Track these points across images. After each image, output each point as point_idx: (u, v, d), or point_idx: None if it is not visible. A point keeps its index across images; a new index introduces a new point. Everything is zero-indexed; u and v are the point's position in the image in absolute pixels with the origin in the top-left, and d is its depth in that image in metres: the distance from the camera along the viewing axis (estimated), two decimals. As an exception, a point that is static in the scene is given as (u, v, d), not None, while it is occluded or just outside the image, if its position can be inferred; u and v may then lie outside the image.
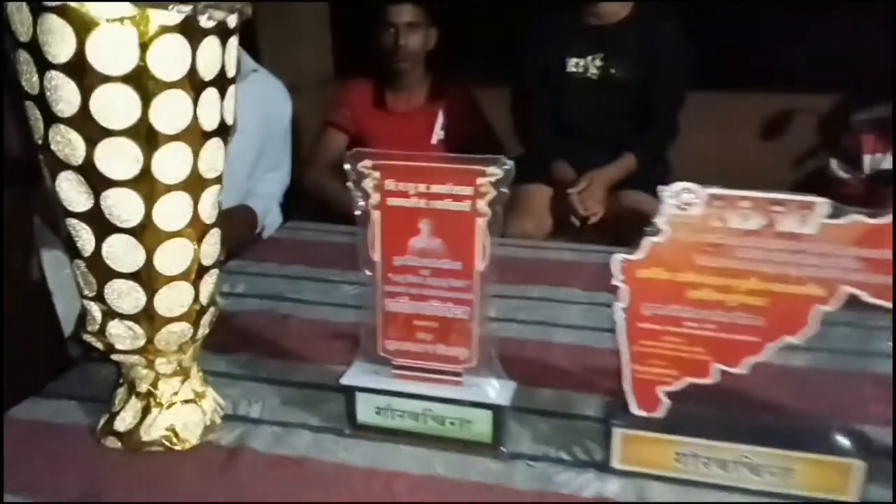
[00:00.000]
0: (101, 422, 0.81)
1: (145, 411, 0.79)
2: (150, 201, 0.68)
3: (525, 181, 2.02)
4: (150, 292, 0.72)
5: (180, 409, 0.79)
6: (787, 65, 2.77)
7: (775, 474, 0.72)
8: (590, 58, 1.99)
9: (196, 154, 0.70)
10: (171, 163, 0.68)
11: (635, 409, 0.75)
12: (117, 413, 0.80)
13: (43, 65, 0.63)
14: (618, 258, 0.71)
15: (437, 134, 2.23)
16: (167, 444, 0.78)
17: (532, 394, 0.88)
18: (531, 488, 0.74)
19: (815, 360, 0.94)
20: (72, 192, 0.68)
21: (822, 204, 0.65)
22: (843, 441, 0.72)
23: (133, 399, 0.79)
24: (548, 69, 2.02)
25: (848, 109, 2.03)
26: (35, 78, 0.64)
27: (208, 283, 0.77)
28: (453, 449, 0.78)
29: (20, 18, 0.63)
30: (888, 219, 0.64)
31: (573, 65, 2.01)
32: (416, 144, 2.18)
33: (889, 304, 0.65)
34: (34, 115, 0.66)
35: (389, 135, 2.19)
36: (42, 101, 0.65)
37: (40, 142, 0.67)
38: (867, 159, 1.67)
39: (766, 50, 3.12)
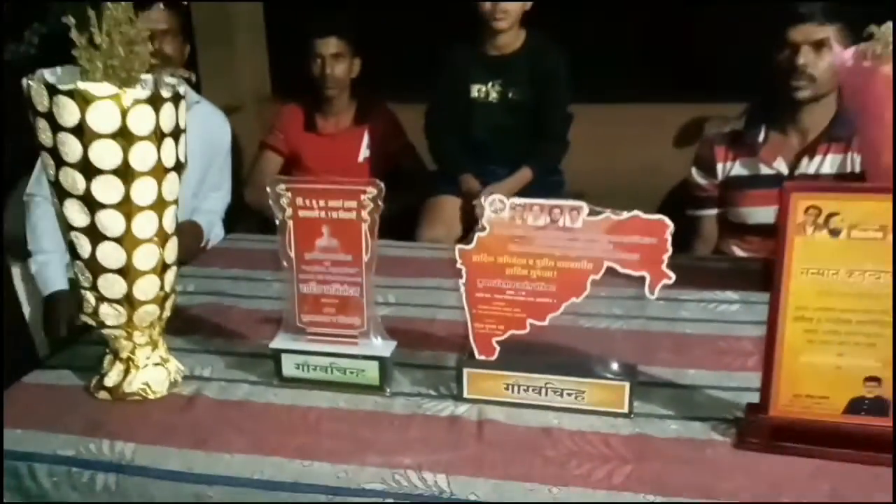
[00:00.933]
0: (93, 381, 1.10)
1: (126, 372, 1.08)
2: (129, 218, 0.98)
3: (437, 193, 2.34)
4: (130, 283, 1.01)
5: (152, 370, 1.09)
6: (702, 76, 3.15)
7: (572, 395, 1.05)
8: (490, 84, 2.33)
9: (160, 184, 0.99)
10: (143, 191, 0.98)
11: (478, 356, 1.07)
12: (105, 374, 1.09)
13: (56, 128, 0.92)
14: (458, 248, 1.03)
15: (363, 153, 2.53)
16: (143, 394, 1.08)
17: (415, 354, 1.19)
18: (405, 413, 1.05)
19: (607, 322, 1.29)
20: (74, 213, 0.97)
21: (583, 207, 0.98)
22: (617, 369, 1.05)
23: (117, 363, 1.08)
24: (455, 94, 2.35)
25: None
26: (49, 136, 0.93)
27: (170, 276, 1.07)
28: (352, 391, 1.09)
29: (39, 98, 0.92)
30: (629, 214, 0.97)
31: (476, 90, 2.34)
32: (344, 163, 2.47)
33: (635, 273, 0.98)
34: (48, 161, 0.95)
35: (320, 155, 2.48)
36: (55, 151, 0.94)
37: (52, 179, 0.96)
38: (720, 167, 1.99)
39: (682, 62, 3.52)
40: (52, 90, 0.91)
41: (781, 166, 1.84)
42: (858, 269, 0.89)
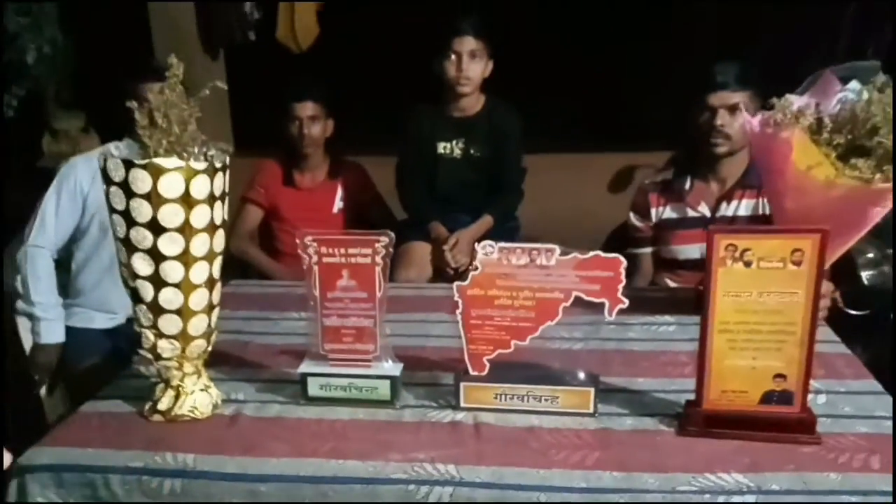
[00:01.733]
0: (147, 406, 1.29)
1: (177, 397, 1.28)
2: (187, 267, 1.20)
3: (409, 239, 2.58)
4: (185, 321, 1.23)
5: (198, 395, 1.30)
6: (633, 128, 3.50)
7: (548, 400, 1.29)
8: (454, 142, 2.60)
9: (212, 238, 1.22)
10: (199, 245, 1.20)
11: (472, 371, 1.31)
12: (158, 400, 1.29)
13: (129, 194, 1.14)
14: (456, 284, 1.27)
15: (338, 204, 2.76)
16: (191, 415, 1.28)
17: (414, 374, 1.42)
18: (414, 420, 1.28)
19: (570, 343, 1.55)
20: (141, 265, 1.18)
21: (556, 248, 1.23)
22: (583, 379, 1.30)
23: (169, 390, 1.28)
24: (422, 151, 2.61)
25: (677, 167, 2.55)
26: (123, 201, 1.15)
27: (214, 315, 1.28)
28: (368, 406, 1.32)
29: (116, 170, 1.14)
30: (592, 254, 1.23)
31: (442, 147, 2.60)
32: (320, 214, 2.70)
33: (598, 300, 1.24)
34: (119, 221, 1.17)
35: (298, 207, 2.70)
36: (127, 214, 1.15)
37: (121, 237, 1.18)
38: (653, 211, 2.29)
39: (615, 115, 3.90)
40: (129, 164, 1.13)
41: (705, 210, 2.14)
42: (766, 291, 1.17)
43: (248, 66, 4.38)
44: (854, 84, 1.46)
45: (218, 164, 1.20)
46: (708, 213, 2.14)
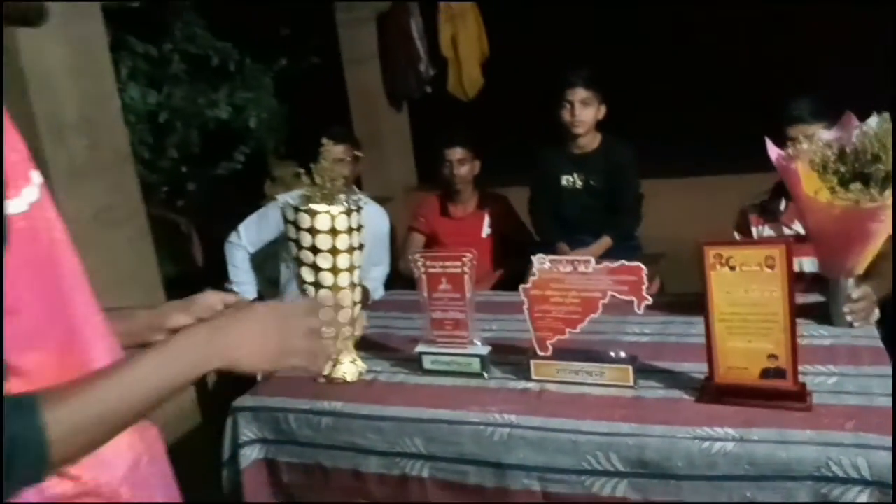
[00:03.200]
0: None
1: (334, 366, 1.85)
2: (335, 276, 1.76)
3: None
4: (335, 312, 1.79)
5: (348, 365, 1.86)
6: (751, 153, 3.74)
7: (597, 374, 1.70)
8: (575, 174, 3.04)
9: (351, 256, 1.77)
10: (343, 261, 1.76)
11: (538, 352, 1.75)
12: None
13: (298, 228, 1.73)
14: (521, 287, 1.73)
15: (485, 230, 3.29)
16: (343, 379, 1.84)
17: (500, 356, 1.88)
18: (496, 387, 1.75)
19: (612, 336, 1.92)
20: (306, 274, 1.77)
21: (590, 259, 1.65)
22: (625, 357, 1.70)
23: (329, 361, 1.85)
24: (549, 183, 3.08)
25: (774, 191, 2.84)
26: (294, 232, 1.74)
27: (356, 310, 1.84)
28: (464, 377, 1.80)
29: (289, 212, 1.73)
30: (619, 263, 1.64)
31: (564, 180, 3.05)
32: (471, 239, 3.23)
33: (627, 298, 1.64)
34: (293, 245, 1.76)
35: (452, 233, 3.26)
36: (297, 241, 1.74)
37: (294, 256, 1.77)
38: (754, 230, 2.56)
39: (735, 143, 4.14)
40: (296, 209, 1.72)
41: (799, 228, 2.39)
42: (749, 288, 1.51)
43: (426, 114, 5.09)
44: (872, 119, 1.74)
45: (353, 207, 1.76)
46: (802, 231, 2.39)
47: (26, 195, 0.83)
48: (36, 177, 0.87)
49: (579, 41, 4.98)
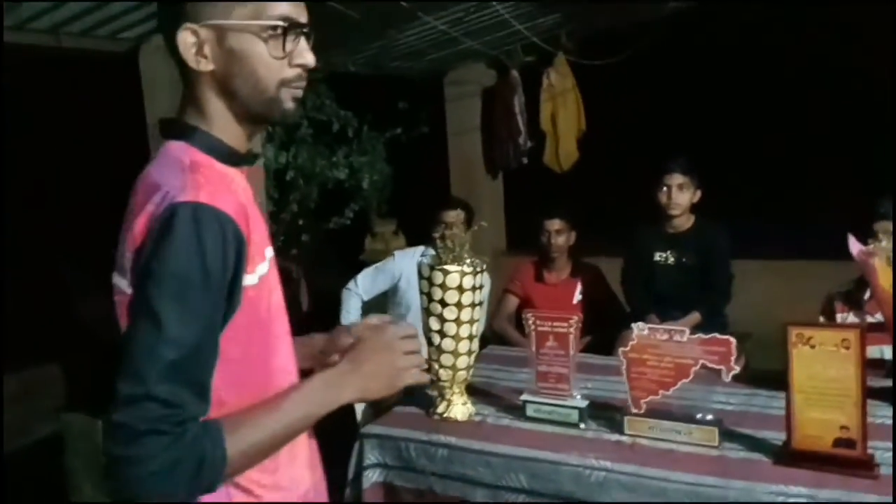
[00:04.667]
0: (431, 409, 2.15)
1: (447, 407, 2.12)
2: (458, 326, 2.04)
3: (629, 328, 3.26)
4: (455, 358, 2.07)
5: (460, 407, 2.12)
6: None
7: (686, 434, 1.91)
8: (668, 252, 3.26)
9: (472, 311, 2.06)
10: (465, 314, 2.04)
11: (633, 409, 1.98)
12: (437, 406, 2.13)
13: (431, 284, 2.03)
14: (620, 350, 1.97)
15: (577, 297, 3.53)
16: (454, 418, 2.10)
17: (598, 412, 2.12)
18: (593, 437, 1.98)
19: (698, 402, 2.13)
20: (433, 323, 2.05)
21: (685, 330, 1.89)
22: (711, 420, 1.91)
23: (444, 401, 2.12)
24: (642, 259, 3.31)
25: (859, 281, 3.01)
26: (427, 286, 2.04)
27: (472, 358, 2.11)
28: (563, 425, 2.04)
29: (425, 269, 2.04)
30: (710, 335, 1.87)
31: (657, 256, 3.29)
32: (562, 304, 3.48)
33: (716, 367, 1.86)
34: (424, 298, 2.06)
35: (545, 298, 3.51)
36: (428, 294, 2.04)
37: (424, 307, 2.07)
38: (839, 317, 2.73)
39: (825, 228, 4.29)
40: (431, 267, 2.02)
41: (881, 317, 2.56)
42: (827, 365, 1.72)
43: (519, 183, 5.41)
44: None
45: (478, 269, 2.05)
46: (884, 319, 2.56)
47: (259, 270, 1.06)
48: (269, 252, 1.10)
49: (674, 124, 5.26)
